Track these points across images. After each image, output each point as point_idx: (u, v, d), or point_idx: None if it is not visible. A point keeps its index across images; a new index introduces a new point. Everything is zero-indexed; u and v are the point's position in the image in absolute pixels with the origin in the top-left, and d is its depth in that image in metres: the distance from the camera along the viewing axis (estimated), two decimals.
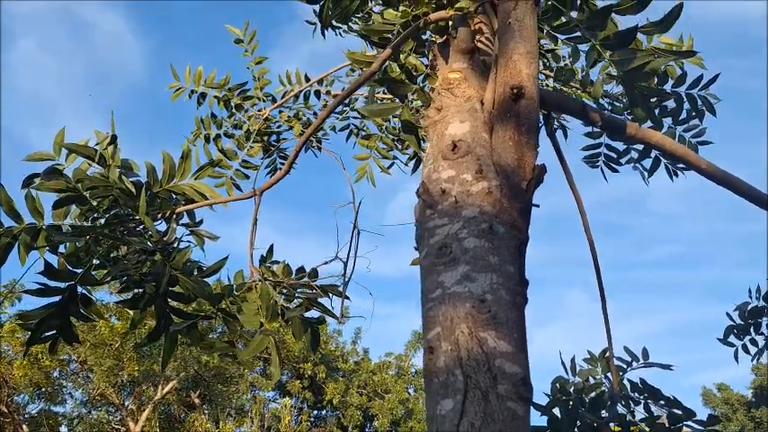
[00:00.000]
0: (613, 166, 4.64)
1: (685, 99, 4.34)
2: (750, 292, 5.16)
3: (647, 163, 4.58)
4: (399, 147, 5.22)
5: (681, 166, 4.57)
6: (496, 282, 1.70)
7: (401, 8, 2.58)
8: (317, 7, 5.45)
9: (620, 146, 4.58)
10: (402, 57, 2.95)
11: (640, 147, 4.62)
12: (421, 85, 2.95)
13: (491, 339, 1.61)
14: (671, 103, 4.43)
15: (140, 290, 3.37)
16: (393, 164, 5.31)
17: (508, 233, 1.81)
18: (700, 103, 4.39)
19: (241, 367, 19.02)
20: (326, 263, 2.75)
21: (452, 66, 2.29)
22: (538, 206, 2.00)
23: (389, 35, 3.20)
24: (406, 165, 5.38)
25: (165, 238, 3.41)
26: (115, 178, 3.35)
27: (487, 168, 1.90)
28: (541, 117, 2.46)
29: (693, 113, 4.50)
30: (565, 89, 3.93)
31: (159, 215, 3.49)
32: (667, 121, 4.53)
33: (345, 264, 2.72)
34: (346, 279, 2.68)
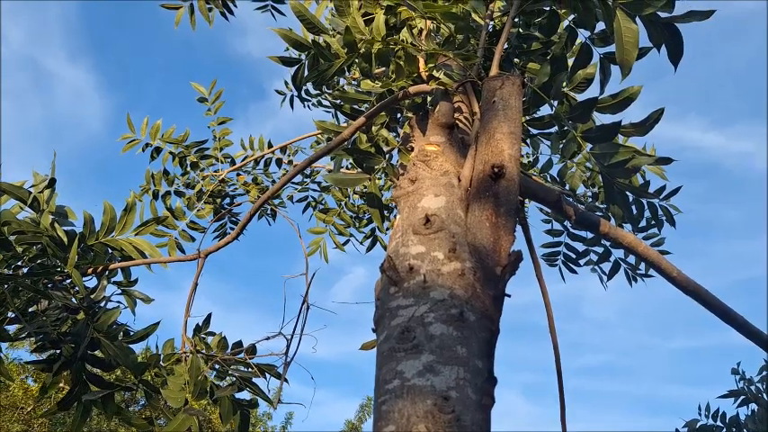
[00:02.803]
0: (572, 266, 4.57)
1: (646, 207, 4.35)
2: (700, 409, 5.06)
3: (606, 266, 4.55)
4: (357, 225, 5.07)
5: (640, 272, 4.54)
6: (463, 377, 1.49)
7: (384, 78, 2.48)
8: (289, 77, 5.41)
9: (580, 246, 4.53)
10: (374, 129, 2.83)
11: (600, 250, 4.59)
12: (390, 160, 2.82)
13: None
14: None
15: (57, 350, 3.01)
16: (348, 241, 5.15)
17: (479, 323, 1.62)
18: (660, 212, 4.40)
19: None
20: (268, 338, 2.48)
21: (430, 138, 2.16)
22: (509, 296, 1.83)
23: (363, 107, 3.10)
24: (361, 243, 5.22)
25: (92, 296, 3.09)
26: (47, 225, 3.05)
27: (461, 248, 1.73)
28: None
29: (653, 222, 4.50)
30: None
31: (90, 270, 3.18)
32: (627, 227, 4.52)
33: (289, 341, 2.46)
34: (288, 359, 2.41)
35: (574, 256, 4.52)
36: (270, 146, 4.92)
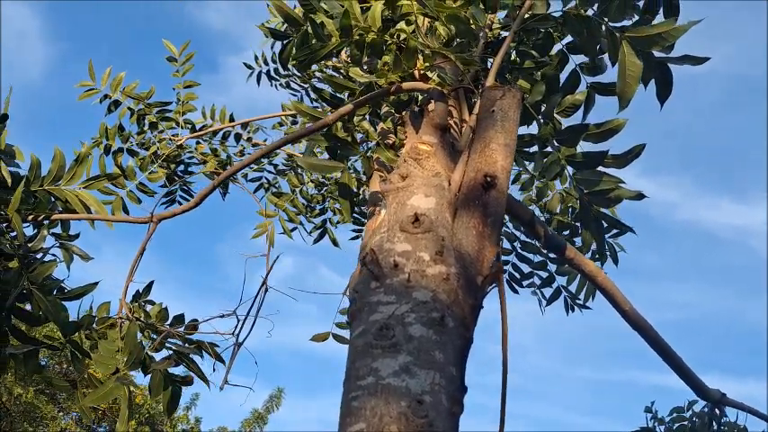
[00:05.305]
0: (515, 286, 4.63)
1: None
2: None
3: (548, 291, 4.63)
4: (309, 213, 4.99)
5: (579, 302, 4.64)
6: (438, 383, 1.46)
7: (379, 69, 2.43)
8: (258, 51, 5.27)
9: (526, 268, 4.60)
10: (356, 119, 2.78)
11: (544, 274, 4.67)
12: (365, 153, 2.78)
13: None
14: (578, 241, 4.53)
15: None
16: (296, 229, 5.05)
17: (456, 330, 1.59)
18: (606, 247, 4.51)
19: (56, 409, 17.01)
20: (223, 316, 2.38)
21: (423, 137, 2.13)
22: (483, 307, 1.81)
23: (344, 95, 3.04)
24: (309, 234, 5.14)
25: (29, 245, 2.90)
26: None
27: (448, 252, 1.70)
28: None
29: (597, 256, 4.61)
30: None
31: (31, 217, 2.99)
32: None
33: (242, 322, 2.36)
34: (240, 340, 2.31)
35: (518, 277, 4.58)
36: (231, 119, 4.77)
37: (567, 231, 4.22)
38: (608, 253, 4.54)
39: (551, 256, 4.50)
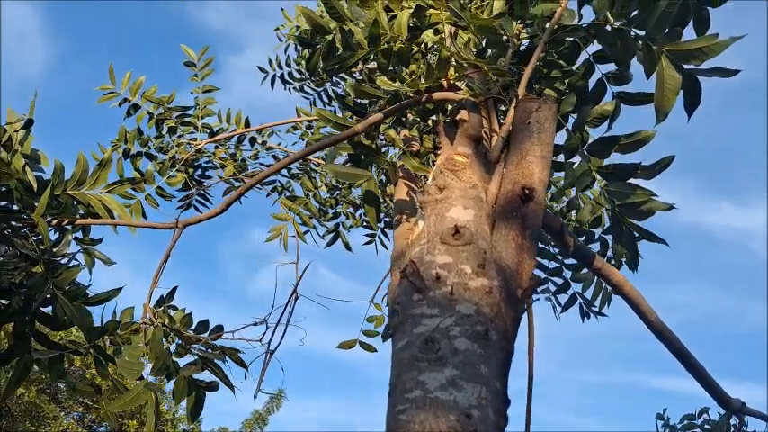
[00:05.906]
0: None
1: (610, 246, 4.45)
2: None
3: (563, 298, 4.63)
4: (322, 217, 5.00)
5: (594, 309, 4.65)
6: (485, 396, 1.47)
7: (407, 78, 2.44)
8: (268, 53, 5.29)
9: (540, 274, 4.60)
10: (382, 127, 2.79)
11: (559, 281, 4.67)
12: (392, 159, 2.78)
13: None
14: (595, 246, 4.53)
15: (6, 301, 2.81)
16: (308, 232, 5.06)
17: (499, 343, 1.60)
18: (636, 258, 4.50)
19: (57, 408, 17.03)
20: (256, 324, 2.39)
21: (458, 149, 2.14)
22: (520, 319, 1.82)
23: (366, 102, 3.04)
24: (322, 237, 5.15)
25: (54, 250, 2.90)
26: (19, 167, 2.85)
27: (489, 265, 1.71)
28: None
29: (613, 262, 4.61)
30: None
31: (55, 222, 2.99)
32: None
33: (273, 329, 2.37)
34: (272, 347, 2.32)
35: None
36: (247, 124, 4.78)
37: (583, 237, 4.23)
38: (624, 259, 4.55)
39: (567, 262, 4.52)
